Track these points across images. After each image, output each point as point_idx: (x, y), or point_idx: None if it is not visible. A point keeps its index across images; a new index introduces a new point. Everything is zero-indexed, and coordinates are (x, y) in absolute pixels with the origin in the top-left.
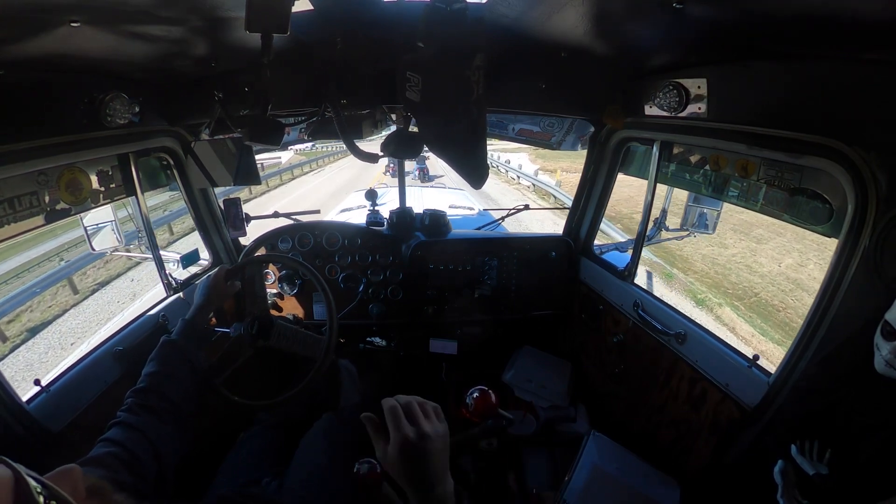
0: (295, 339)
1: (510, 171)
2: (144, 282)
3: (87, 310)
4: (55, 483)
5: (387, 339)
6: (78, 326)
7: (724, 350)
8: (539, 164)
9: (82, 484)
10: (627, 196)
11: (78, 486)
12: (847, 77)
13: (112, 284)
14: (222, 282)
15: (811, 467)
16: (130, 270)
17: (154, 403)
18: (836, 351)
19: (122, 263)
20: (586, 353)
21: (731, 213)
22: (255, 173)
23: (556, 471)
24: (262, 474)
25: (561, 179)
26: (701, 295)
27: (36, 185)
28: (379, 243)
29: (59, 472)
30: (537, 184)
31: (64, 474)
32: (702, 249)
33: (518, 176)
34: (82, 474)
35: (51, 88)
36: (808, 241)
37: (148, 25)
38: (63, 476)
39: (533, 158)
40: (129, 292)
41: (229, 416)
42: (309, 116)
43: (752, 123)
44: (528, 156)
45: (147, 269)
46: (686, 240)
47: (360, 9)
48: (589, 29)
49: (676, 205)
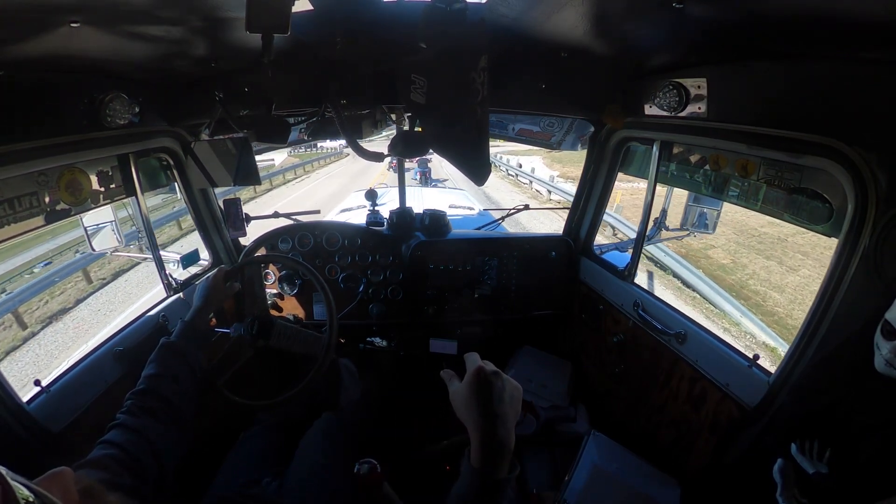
0: (295, 338)
1: (521, 175)
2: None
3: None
4: (45, 487)
5: (387, 339)
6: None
7: (724, 350)
8: (557, 170)
9: (74, 487)
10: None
11: (69, 488)
12: (847, 76)
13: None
14: (221, 283)
15: (811, 466)
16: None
17: (154, 405)
18: (836, 350)
19: (113, 267)
20: (586, 352)
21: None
22: (255, 173)
23: (556, 471)
24: (263, 474)
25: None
26: None
27: (36, 185)
28: (379, 243)
29: (49, 476)
30: (556, 192)
31: (54, 477)
32: (780, 277)
33: (530, 181)
34: (74, 477)
35: (51, 89)
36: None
37: (148, 26)
38: (53, 479)
39: (549, 163)
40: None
41: (229, 417)
42: (309, 116)
43: (752, 123)
44: (542, 159)
45: (132, 281)
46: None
47: (360, 9)
48: (589, 29)
49: (677, 206)
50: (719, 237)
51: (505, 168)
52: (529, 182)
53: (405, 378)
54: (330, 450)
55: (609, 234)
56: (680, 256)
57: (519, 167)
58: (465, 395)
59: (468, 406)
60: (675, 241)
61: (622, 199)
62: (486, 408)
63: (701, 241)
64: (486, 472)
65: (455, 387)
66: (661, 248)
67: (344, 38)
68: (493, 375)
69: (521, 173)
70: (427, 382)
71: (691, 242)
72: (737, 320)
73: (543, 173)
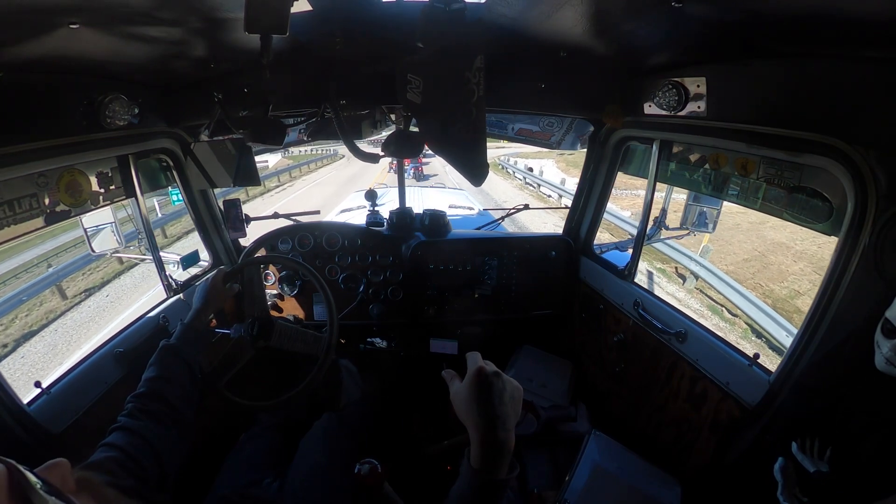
0: (296, 338)
1: (529, 178)
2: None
3: None
4: (44, 475)
5: (387, 340)
6: None
7: (724, 349)
8: (574, 175)
9: (71, 477)
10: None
11: (67, 478)
12: (846, 75)
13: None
14: (220, 285)
15: (812, 465)
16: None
17: (154, 408)
18: (836, 349)
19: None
20: (587, 352)
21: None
22: (255, 174)
23: (556, 470)
24: (263, 475)
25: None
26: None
27: (35, 187)
28: (379, 243)
29: (48, 465)
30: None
31: (53, 467)
32: None
33: (538, 185)
34: (70, 467)
35: (50, 90)
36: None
37: (147, 27)
38: (52, 469)
39: (564, 168)
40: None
41: (230, 417)
42: (308, 117)
43: (752, 122)
44: (556, 163)
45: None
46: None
47: (359, 9)
48: (588, 28)
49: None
50: (802, 279)
51: (512, 170)
52: (537, 185)
53: (405, 378)
54: (330, 450)
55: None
56: (769, 308)
57: (529, 171)
58: (466, 395)
59: (468, 407)
60: (760, 287)
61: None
62: (486, 409)
63: (785, 287)
64: (485, 472)
65: (456, 387)
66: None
67: (343, 38)
68: (494, 376)
69: (539, 180)
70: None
71: (775, 290)
72: None
73: (554, 177)
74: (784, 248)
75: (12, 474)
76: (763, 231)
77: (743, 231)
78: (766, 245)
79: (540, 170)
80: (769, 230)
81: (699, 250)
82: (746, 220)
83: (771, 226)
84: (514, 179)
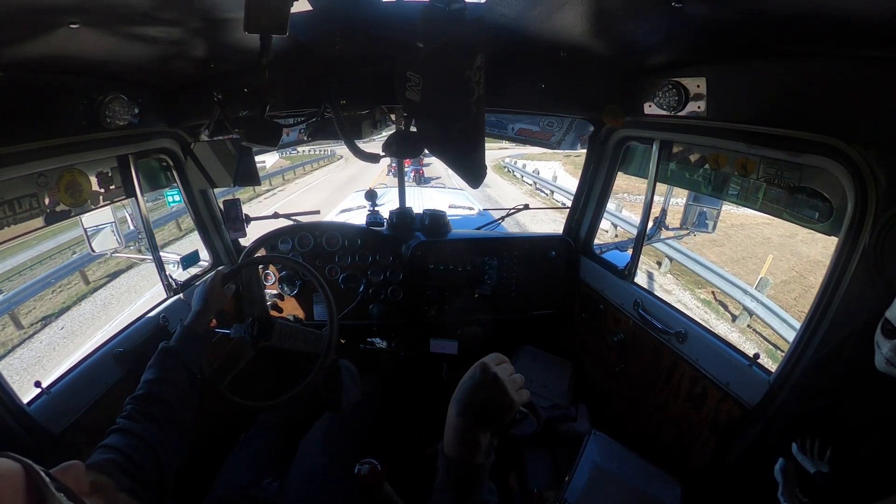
0: (296, 336)
1: (540, 183)
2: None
3: None
4: (59, 476)
5: (387, 340)
6: None
7: (724, 349)
8: None
9: (85, 479)
10: None
11: (81, 480)
12: (846, 75)
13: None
14: (219, 286)
15: (812, 465)
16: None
17: (154, 410)
18: (836, 349)
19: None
20: (587, 352)
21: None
22: (255, 174)
23: (556, 470)
24: (263, 475)
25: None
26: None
27: (36, 186)
28: (379, 243)
29: (62, 468)
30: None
31: (67, 469)
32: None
33: (552, 191)
34: (84, 470)
35: (50, 90)
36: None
37: (147, 27)
38: (67, 470)
39: (573, 171)
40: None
41: (230, 417)
42: (308, 117)
43: (752, 122)
44: (564, 165)
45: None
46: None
47: (359, 9)
48: (588, 28)
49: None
50: None
51: (521, 174)
52: (551, 192)
53: (406, 378)
54: (330, 450)
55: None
56: None
57: (536, 174)
58: (460, 386)
59: (457, 397)
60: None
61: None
62: (456, 395)
63: None
64: (453, 456)
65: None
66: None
67: (343, 38)
68: (481, 368)
69: (552, 186)
70: (427, 382)
71: None
72: None
73: (570, 183)
74: (821, 266)
75: (29, 475)
76: (796, 246)
77: (775, 246)
78: (804, 264)
79: (554, 174)
80: (801, 245)
81: (755, 283)
82: (776, 234)
83: (801, 239)
84: (522, 184)
